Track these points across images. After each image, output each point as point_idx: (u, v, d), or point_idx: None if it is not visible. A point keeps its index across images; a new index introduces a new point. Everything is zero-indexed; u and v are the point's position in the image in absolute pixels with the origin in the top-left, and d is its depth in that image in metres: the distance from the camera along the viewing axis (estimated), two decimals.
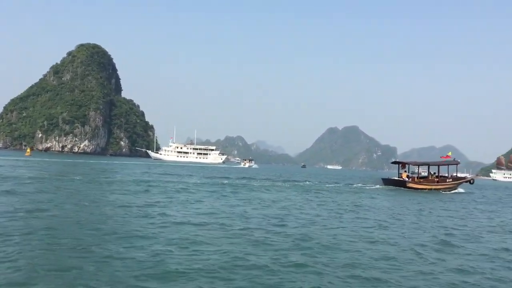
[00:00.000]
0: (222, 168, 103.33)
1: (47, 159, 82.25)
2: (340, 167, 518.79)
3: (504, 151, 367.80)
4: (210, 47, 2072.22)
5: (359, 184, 51.24)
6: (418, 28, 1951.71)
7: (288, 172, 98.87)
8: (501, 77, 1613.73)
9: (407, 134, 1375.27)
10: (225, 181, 40.97)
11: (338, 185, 49.01)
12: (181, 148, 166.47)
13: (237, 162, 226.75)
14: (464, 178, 51.27)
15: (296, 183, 47.59)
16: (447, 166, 50.57)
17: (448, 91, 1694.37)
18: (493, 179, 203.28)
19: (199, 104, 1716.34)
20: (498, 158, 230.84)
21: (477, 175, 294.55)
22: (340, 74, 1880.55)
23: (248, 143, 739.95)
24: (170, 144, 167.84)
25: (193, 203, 20.71)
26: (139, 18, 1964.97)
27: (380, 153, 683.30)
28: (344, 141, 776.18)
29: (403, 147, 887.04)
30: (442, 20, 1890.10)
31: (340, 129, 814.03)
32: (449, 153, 60.89)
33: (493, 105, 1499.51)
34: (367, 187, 46.31)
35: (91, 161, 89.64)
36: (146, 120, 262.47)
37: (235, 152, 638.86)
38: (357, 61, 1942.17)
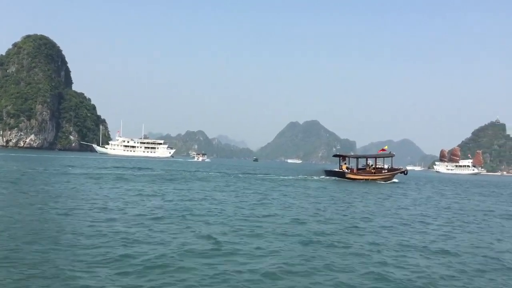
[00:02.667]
0: (159, 161, 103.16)
1: None
2: (300, 161, 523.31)
3: (455, 144, 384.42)
4: (170, 42, 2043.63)
5: (302, 176, 53.29)
6: (377, 23, 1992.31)
7: (239, 166, 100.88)
8: (455, 73, 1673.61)
9: (367, 128, 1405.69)
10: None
11: (284, 177, 50.77)
12: (128, 142, 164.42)
13: (192, 157, 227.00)
14: (399, 169, 53.83)
15: (246, 175, 50.62)
16: (391, 158, 53.91)
17: (405, 87, 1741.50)
18: (436, 171, 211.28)
19: (160, 99, 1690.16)
20: (441, 151, 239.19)
21: (423, 168, 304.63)
22: (303, 69, 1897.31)
23: (210, 137, 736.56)
24: (117, 138, 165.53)
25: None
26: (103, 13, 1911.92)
27: (339, 147, 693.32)
28: (305, 135, 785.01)
29: (362, 141, 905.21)
30: (399, 14, 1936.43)
31: (301, 123, 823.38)
32: (385, 147, 64.53)
33: (449, 101, 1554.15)
34: (309, 178, 49.10)
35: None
36: (98, 114, 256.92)
37: (196, 146, 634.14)
38: (319, 57, 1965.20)
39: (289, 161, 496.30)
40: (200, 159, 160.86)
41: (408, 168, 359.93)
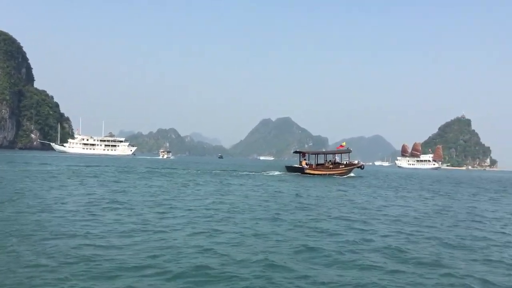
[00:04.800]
0: (115, 159, 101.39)
1: None
2: (272, 158, 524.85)
3: (424, 140, 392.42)
4: (140, 38, 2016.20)
5: (267, 172, 55.40)
6: (347, 17, 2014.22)
7: (200, 162, 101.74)
8: (423, 70, 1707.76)
9: (339, 125, 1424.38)
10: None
11: (242, 172, 52.96)
12: (87, 140, 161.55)
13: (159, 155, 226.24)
14: (355, 164, 56.70)
15: (205, 171, 51.64)
16: (347, 154, 57.77)
17: (377, 84, 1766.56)
18: (398, 166, 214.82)
19: (132, 96, 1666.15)
20: (403, 146, 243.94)
21: (391, 163, 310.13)
22: (276, 66, 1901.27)
23: (182, 135, 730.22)
24: (76, 136, 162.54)
25: None
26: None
27: (311, 144, 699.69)
28: (277, 132, 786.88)
29: (334, 137, 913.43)
30: (366, 7, 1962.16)
31: (274, 120, 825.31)
32: (343, 143, 65.97)
33: (418, 97, 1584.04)
34: (269, 174, 51.41)
35: None
36: (61, 111, 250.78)
37: (167, 144, 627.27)
38: (291, 53, 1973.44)
39: (262, 158, 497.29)
40: (165, 156, 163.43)
41: (377, 163, 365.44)
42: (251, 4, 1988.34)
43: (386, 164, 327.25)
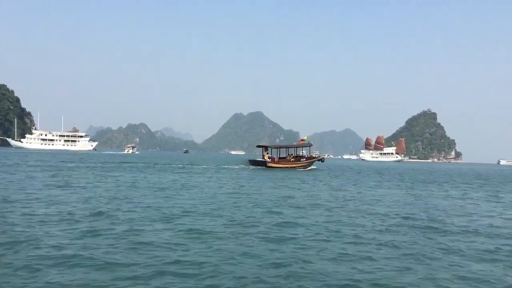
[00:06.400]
0: (70, 154, 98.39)
1: None
2: (243, 153, 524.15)
3: (392, 133, 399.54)
4: (111, 35, 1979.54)
5: (227, 166, 57.20)
6: (321, 12, 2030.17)
7: (162, 157, 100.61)
8: (391, 63, 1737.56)
9: (310, 119, 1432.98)
10: None
11: (204, 166, 54.41)
12: (46, 135, 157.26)
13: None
14: (316, 157, 59.62)
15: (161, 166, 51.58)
16: (307, 148, 60.83)
17: (347, 78, 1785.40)
18: (362, 159, 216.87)
19: (99, 91, 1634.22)
20: (367, 139, 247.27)
21: (358, 156, 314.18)
22: (247, 60, 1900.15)
23: (153, 130, 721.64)
24: (34, 131, 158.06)
25: None
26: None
27: (283, 138, 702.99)
28: (249, 126, 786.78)
29: (306, 131, 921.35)
30: (337, 4, 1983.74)
31: (245, 114, 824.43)
32: (304, 137, 67.54)
33: (387, 91, 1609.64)
34: (231, 167, 53.47)
35: None
36: (23, 106, 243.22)
37: (137, 139, 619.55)
38: (262, 47, 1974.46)
39: (233, 152, 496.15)
40: (131, 151, 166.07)
41: (345, 157, 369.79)
42: None
43: (354, 157, 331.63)
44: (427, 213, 16.81)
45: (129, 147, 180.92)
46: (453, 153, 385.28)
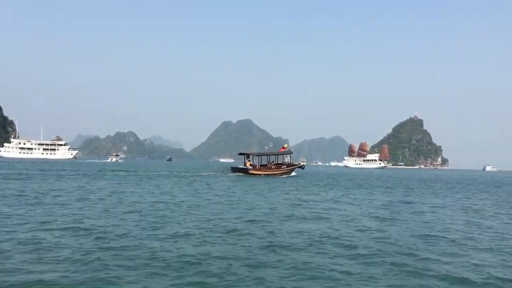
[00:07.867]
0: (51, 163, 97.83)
1: None
2: (232, 160, 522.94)
3: (378, 140, 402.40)
4: (104, 44, 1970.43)
5: (212, 173, 58.80)
6: (307, 20, 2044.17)
7: (144, 166, 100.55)
8: (378, 71, 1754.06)
9: (299, 127, 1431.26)
10: None
11: (186, 173, 56.37)
12: (24, 144, 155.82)
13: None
14: (296, 165, 62.50)
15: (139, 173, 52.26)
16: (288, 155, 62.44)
17: (335, 86, 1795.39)
18: (345, 166, 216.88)
19: (87, 99, 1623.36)
20: (350, 146, 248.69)
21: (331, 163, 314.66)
22: (235, 68, 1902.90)
23: (142, 138, 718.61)
24: (12, 140, 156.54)
25: None
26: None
27: (272, 145, 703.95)
28: (238, 134, 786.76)
29: (295, 139, 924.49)
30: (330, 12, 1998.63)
31: (234, 122, 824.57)
32: (285, 145, 69.63)
33: (374, 98, 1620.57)
34: (214, 174, 54.67)
35: None
36: (5, 115, 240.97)
37: (125, 148, 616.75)
38: (250, 55, 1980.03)
39: (222, 160, 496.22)
40: (114, 159, 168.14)
41: (332, 164, 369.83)
42: (204, 4, 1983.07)
43: (340, 164, 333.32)
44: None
45: (112, 155, 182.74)
46: (439, 159, 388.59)
